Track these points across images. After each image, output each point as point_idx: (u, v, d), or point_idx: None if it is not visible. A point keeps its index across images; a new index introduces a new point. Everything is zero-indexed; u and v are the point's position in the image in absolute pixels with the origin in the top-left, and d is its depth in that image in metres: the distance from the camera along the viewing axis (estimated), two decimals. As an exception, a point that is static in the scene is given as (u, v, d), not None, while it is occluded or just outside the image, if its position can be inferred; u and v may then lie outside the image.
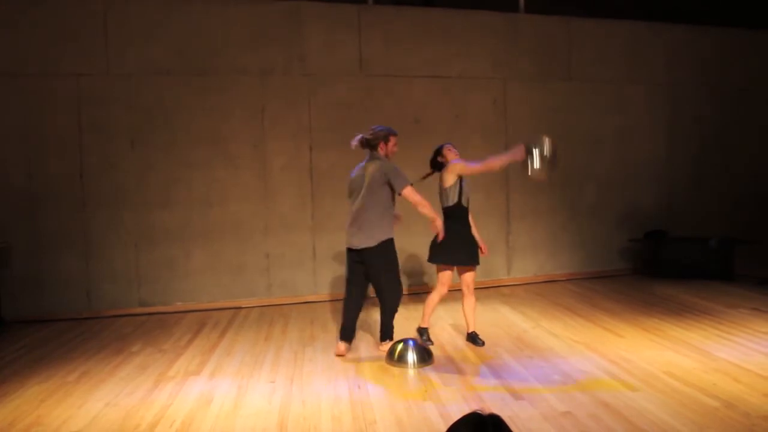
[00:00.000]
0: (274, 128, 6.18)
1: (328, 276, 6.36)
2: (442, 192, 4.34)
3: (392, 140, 4.35)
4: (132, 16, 5.81)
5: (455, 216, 4.32)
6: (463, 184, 4.34)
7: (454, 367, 3.97)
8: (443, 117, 6.64)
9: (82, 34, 5.70)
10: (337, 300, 6.24)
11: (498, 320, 5.21)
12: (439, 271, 4.40)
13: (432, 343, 4.44)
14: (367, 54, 6.42)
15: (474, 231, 4.44)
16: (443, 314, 5.52)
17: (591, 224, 7.20)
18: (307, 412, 3.25)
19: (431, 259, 4.38)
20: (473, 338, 4.46)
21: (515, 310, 5.48)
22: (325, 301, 6.25)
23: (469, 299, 4.43)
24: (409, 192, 4.12)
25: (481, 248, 4.43)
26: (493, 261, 6.73)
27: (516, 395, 3.41)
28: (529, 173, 3.80)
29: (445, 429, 1.34)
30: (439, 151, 4.48)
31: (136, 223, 5.88)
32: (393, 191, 4.19)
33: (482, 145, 6.73)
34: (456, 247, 4.28)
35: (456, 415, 2.89)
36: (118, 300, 5.83)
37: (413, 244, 6.16)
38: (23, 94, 5.61)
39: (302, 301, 6.21)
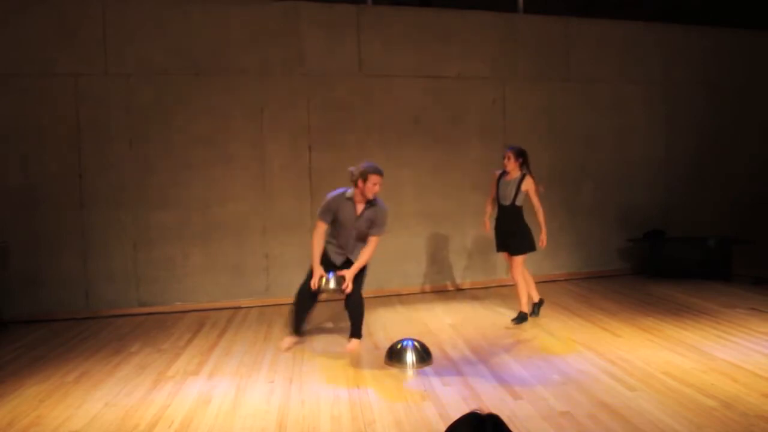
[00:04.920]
0: (273, 128, 6.18)
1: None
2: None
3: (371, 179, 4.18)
4: (130, 16, 5.80)
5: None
6: (498, 186, 5.05)
7: (452, 367, 3.98)
8: (442, 117, 6.64)
9: (80, 34, 5.70)
10: (336, 300, 6.24)
11: (497, 320, 5.22)
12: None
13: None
14: (366, 54, 6.42)
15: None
16: (442, 314, 5.53)
17: (589, 224, 7.21)
18: (306, 412, 3.25)
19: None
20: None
21: (514, 310, 5.47)
22: (324, 301, 6.23)
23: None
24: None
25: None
26: (492, 261, 6.74)
27: (515, 395, 3.42)
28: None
29: (444, 429, 1.35)
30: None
31: (135, 222, 5.87)
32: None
33: (480, 145, 6.75)
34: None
35: (455, 415, 2.90)
36: (116, 300, 5.82)
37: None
38: (22, 93, 5.60)
39: (301, 301, 6.20)
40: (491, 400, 3.35)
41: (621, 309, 5.44)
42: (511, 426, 1.33)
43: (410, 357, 4.00)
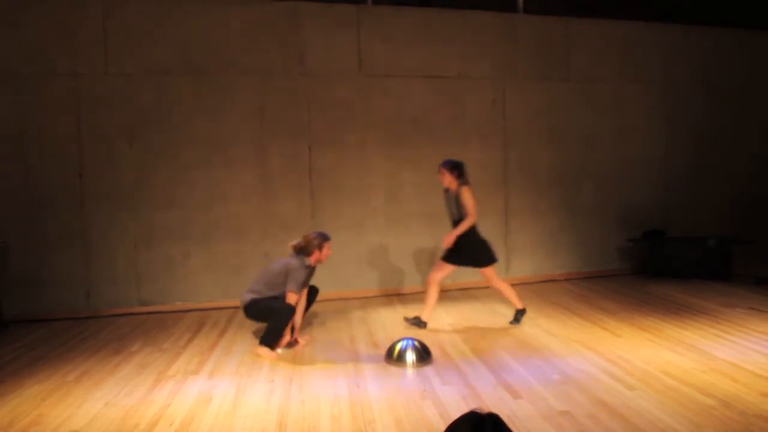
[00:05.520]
0: (274, 128, 6.19)
1: (326, 276, 6.36)
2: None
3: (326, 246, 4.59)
4: (131, 16, 5.81)
5: None
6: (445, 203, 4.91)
7: (452, 366, 3.98)
8: (441, 117, 6.65)
9: (80, 34, 5.70)
10: (336, 300, 6.26)
11: (496, 320, 5.23)
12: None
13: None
14: (366, 54, 6.43)
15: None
16: (442, 314, 5.53)
17: (589, 224, 7.22)
18: (306, 412, 3.26)
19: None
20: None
21: (514, 310, 5.48)
22: (324, 301, 6.23)
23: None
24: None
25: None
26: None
27: (515, 394, 3.42)
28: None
29: (444, 428, 1.35)
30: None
31: (136, 222, 5.88)
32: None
33: (480, 145, 6.75)
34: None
35: (455, 414, 2.90)
36: (117, 299, 5.83)
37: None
38: (22, 93, 5.60)
39: (301, 300, 6.20)
40: (491, 399, 3.36)
41: (621, 309, 5.44)
42: (511, 425, 1.34)
43: (410, 357, 4.01)
